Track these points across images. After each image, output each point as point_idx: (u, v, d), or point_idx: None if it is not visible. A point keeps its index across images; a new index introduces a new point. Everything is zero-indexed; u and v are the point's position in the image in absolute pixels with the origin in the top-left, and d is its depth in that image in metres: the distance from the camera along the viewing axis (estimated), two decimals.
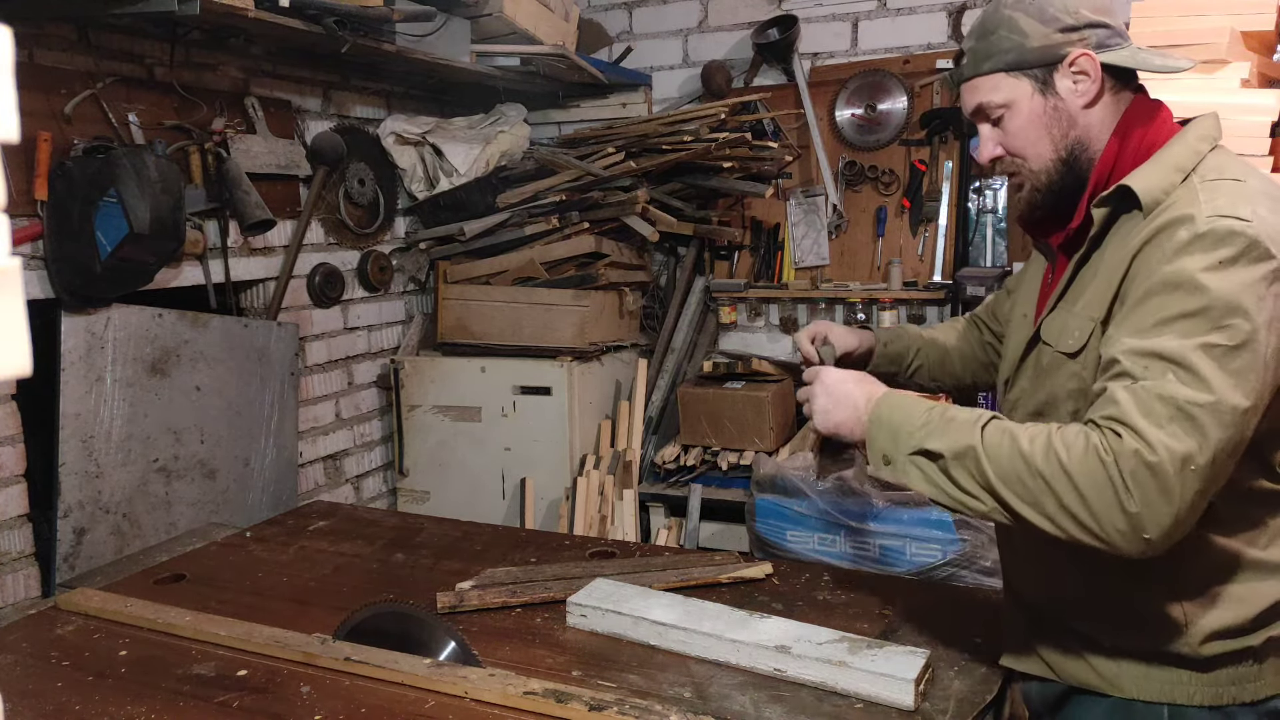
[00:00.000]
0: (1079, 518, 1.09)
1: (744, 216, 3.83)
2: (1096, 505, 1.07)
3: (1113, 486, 1.06)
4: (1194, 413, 1.05)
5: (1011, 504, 1.13)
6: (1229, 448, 1.07)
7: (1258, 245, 1.09)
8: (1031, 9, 1.27)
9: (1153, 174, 1.21)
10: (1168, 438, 1.05)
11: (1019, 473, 1.12)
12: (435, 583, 1.85)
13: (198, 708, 1.40)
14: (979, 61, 1.31)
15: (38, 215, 2.31)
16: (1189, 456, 1.04)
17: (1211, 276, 1.08)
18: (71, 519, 2.40)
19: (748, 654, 1.47)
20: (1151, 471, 1.04)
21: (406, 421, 3.51)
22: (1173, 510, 1.05)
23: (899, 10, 3.55)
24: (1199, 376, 1.06)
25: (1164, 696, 1.24)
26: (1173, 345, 1.08)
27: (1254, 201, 1.13)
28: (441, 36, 3.04)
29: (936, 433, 1.20)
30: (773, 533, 2.85)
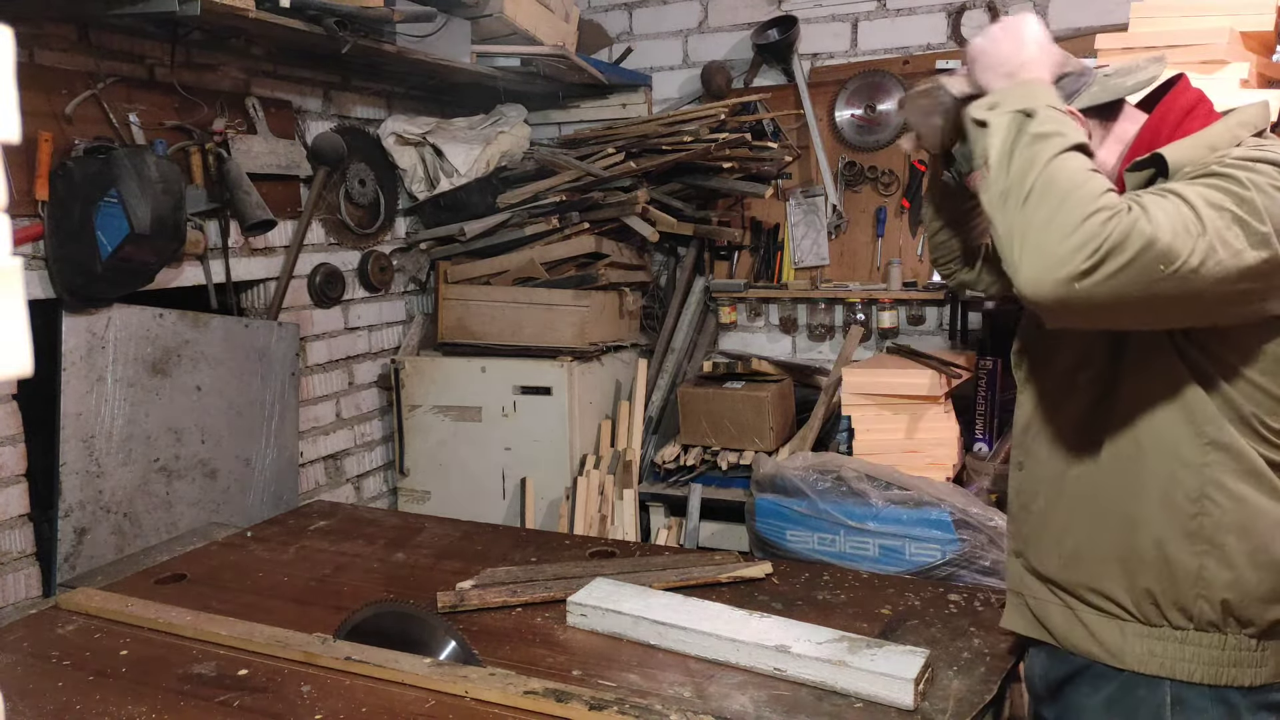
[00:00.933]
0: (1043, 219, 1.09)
1: (744, 217, 3.83)
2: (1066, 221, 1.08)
3: (1100, 212, 1.07)
4: (1192, 230, 1.09)
5: (1020, 177, 1.12)
6: (1188, 270, 1.09)
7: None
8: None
9: (1186, 147, 1.23)
10: (1169, 230, 1.07)
11: (1054, 172, 1.11)
12: (435, 583, 1.86)
13: (198, 707, 1.40)
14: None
15: (39, 215, 2.31)
16: (1173, 249, 1.07)
17: (1237, 169, 1.13)
18: (72, 519, 2.40)
19: (748, 654, 1.48)
20: (1137, 237, 1.06)
21: (407, 421, 3.51)
22: (1113, 272, 1.07)
23: (899, 11, 3.55)
24: (1200, 215, 1.09)
25: (1164, 671, 1.26)
26: (1189, 192, 1.12)
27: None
28: (442, 37, 3.04)
29: (1054, 119, 1.16)
30: (773, 532, 2.85)
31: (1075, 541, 1.34)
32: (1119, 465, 1.30)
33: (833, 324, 3.73)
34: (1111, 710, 1.31)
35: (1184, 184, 1.14)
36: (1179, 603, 1.26)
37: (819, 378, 3.58)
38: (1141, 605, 1.28)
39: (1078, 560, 1.34)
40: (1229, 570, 1.23)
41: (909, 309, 3.59)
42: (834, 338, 3.74)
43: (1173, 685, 1.26)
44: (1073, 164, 1.12)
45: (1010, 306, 2.82)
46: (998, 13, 3.40)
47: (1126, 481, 1.29)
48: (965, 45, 1.41)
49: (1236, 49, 2.29)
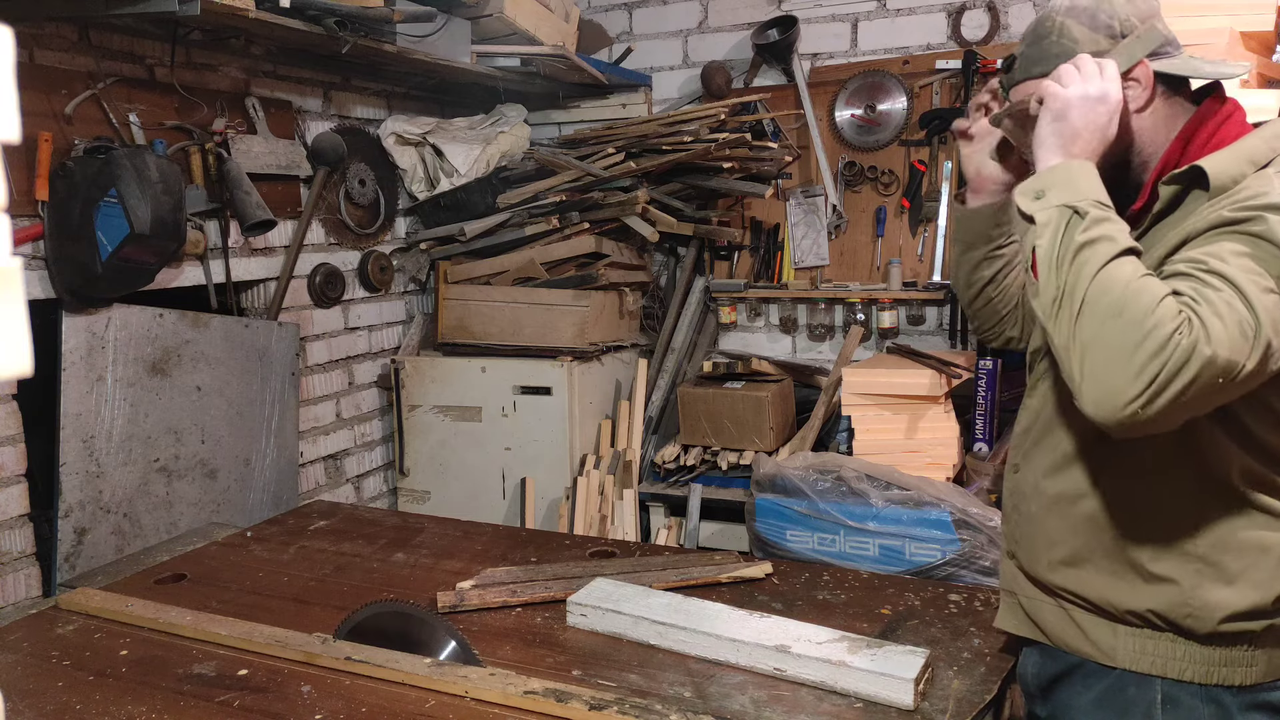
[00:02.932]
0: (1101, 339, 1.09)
1: (744, 217, 3.83)
2: (1124, 344, 1.07)
3: (1160, 350, 1.06)
4: (1249, 333, 1.08)
5: (1071, 289, 1.12)
6: (1248, 374, 1.09)
7: None
8: (1083, 16, 1.29)
9: (1226, 160, 1.22)
10: (1227, 345, 1.06)
11: (1107, 283, 1.11)
12: (435, 583, 1.86)
13: (198, 707, 1.40)
14: (1030, 65, 1.33)
15: (39, 215, 2.31)
16: (1229, 368, 1.07)
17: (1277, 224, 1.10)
18: (72, 519, 2.40)
19: (748, 654, 1.48)
20: (1200, 362, 1.05)
21: (407, 421, 3.51)
22: (1174, 397, 1.07)
23: (899, 11, 3.55)
24: (1254, 308, 1.08)
25: (1157, 670, 1.26)
26: (1236, 275, 1.10)
27: None
28: (442, 37, 3.04)
29: (1102, 222, 1.15)
30: (772, 532, 2.85)
31: (1069, 550, 1.33)
32: (1117, 483, 1.29)
33: (833, 324, 3.73)
34: (1103, 708, 1.31)
35: (1230, 253, 1.12)
36: (1171, 617, 1.26)
37: (819, 378, 3.59)
38: (1133, 614, 1.28)
39: (1069, 568, 1.34)
40: (1225, 590, 1.23)
41: (909, 309, 3.59)
42: (834, 338, 3.74)
43: (1164, 684, 1.27)
44: (1122, 273, 1.11)
45: None
46: (997, 13, 3.40)
47: (1124, 499, 1.29)
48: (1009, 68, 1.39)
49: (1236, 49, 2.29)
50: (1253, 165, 1.21)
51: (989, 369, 3.02)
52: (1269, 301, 1.09)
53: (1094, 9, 1.29)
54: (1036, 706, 1.44)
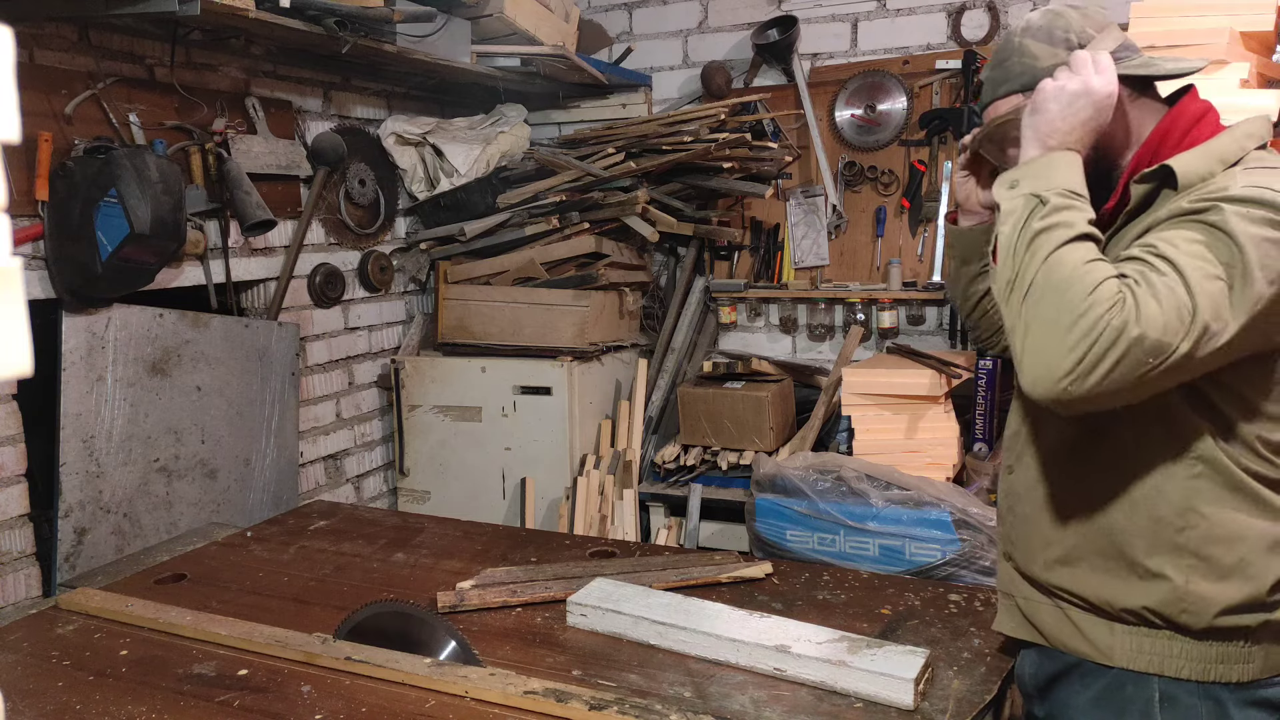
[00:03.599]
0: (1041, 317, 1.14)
1: (744, 217, 3.83)
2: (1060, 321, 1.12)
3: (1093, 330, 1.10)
4: (1185, 318, 1.11)
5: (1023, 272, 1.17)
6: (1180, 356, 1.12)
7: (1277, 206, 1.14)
8: (1040, 34, 1.34)
9: (1195, 159, 1.25)
10: (1161, 327, 1.10)
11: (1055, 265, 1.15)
12: (435, 583, 1.86)
13: (198, 707, 1.40)
14: (995, 86, 1.39)
15: (39, 215, 2.31)
16: (1162, 344, 1.10)
17: (1233, 220, 1.14)
18: (72, 519, 2.40)
19: (748, 654, 1.48)
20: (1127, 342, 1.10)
21: (407, 421, 3.51)
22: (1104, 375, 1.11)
23: (899, 11, 3.55)
24: (1194, 293, 1.11)
25: (1153, 668, 1.27)
26: (1185, 262, 1.13)
27: None
28: (442, 37, 3.04)
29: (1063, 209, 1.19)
30: (772, 532, 2.85)
31: (1063, 549, 1.34)
32: (1106, 478, 1.30)
33: (833, 324, 3.73)
34: (1100, 706, 1.32)
35: (1183, 240, 1.15)
36: (1166, 614, 1.26)
37: (819, 378, 3.58)
38: (1128, 612, 1.29)
39: (1064, 568, 1.34)
40: (1218, 584, 1.24)
41: (909, 309, 3.59)
42: (834, 338, 3.74)
43: (1161, 682, 1.27)
44: (1072, 257, 1.16)
45: None
46: (997, 13, 3.40)
47: (1113, 495, 1.30)
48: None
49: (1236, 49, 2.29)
50: (1222, 164, 1.24)
51: (989, 369, 3.02)
52: (1213, 288, 1.12)
53: (1049, 26, 1.34)
54: (1034, 706, 1.44)
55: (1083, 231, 1.18)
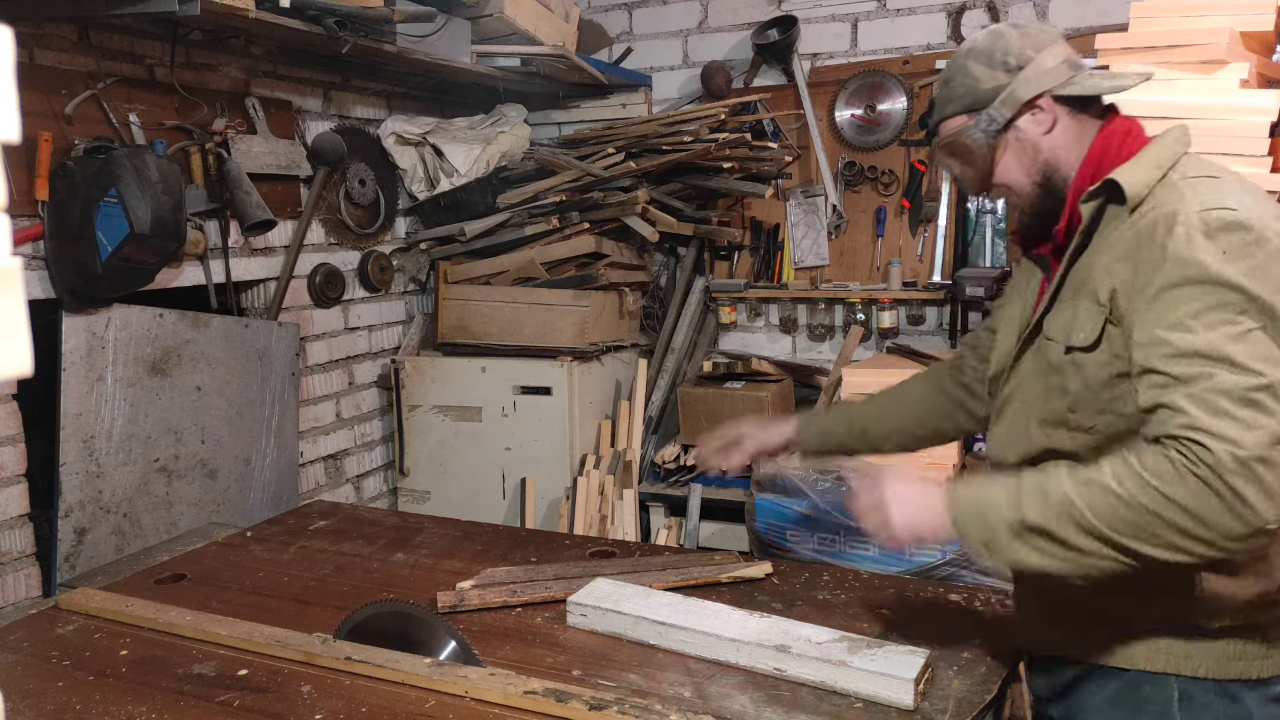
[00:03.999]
0: (1199, 535, 1.10)
1: (744, 216, 3.83)
2: (1212, 519, 1.08)
3: (1219, 497, 1.08)
4: (1257, 398, 1.09)
5: (1130, 545, 1.13)
6: None
7: (1247, 228, 1.16)
8: (981, 56, 1.39)
9: (1135, 169, 1.29)
10: (1247, 429, 1.08)
11: (1122, 513, 1.13)
12: (435, 583, 1.86)
13: (198, 707, 1.40)
14: (942, 107, 1.44)
15: (39, 215, 2.31)
16: (1267, 443, 1.07)
17: (1222, 267, 1.14)
18: (72, 519, 2.40)
19: (748, 654, 1.48)
20: (1250, 467, 1.07)
21: (407, 421, 3.51)
22: (1277, 489, 1.07)
23: (899, 11, 3.55)
24: (1244, 365, 1.10)
25: (1171, 668, 1.27)
26: (1208, 341, 1.12)
27: (1234, 193, 1.22)
28: (442, 37, 3.04)
29: (1028, 502, 1.19)
30: (773, 532, 2.85)
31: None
32: None
33: (833, 324, 3.73)
34: (1118, 705, 1.32)
35: (1189, 316, 1.14)
36: (1182, 616, 1.26)
37: (819, 378, 3.58)
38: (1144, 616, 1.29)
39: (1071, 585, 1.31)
40: (1229, 580, 1.24)
41: (909, 309, 3.59)
42: (834, 338, 3.74)
43: (1179, 681, 1.27)
44: (1103, 499, 1.13)
45: None
46: (997, 13, 3.40)
47: None
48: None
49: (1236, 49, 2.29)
50: (1159, 169, 1.28)
51: None
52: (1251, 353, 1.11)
53: (989, 48, 1.38)
54: (1051, 709, 1.45)
55: (1068, 486, 1.17)
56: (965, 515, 1.25)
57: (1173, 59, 2.30)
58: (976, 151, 1.40)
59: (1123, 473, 1.14)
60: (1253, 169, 2.15)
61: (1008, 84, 1.36)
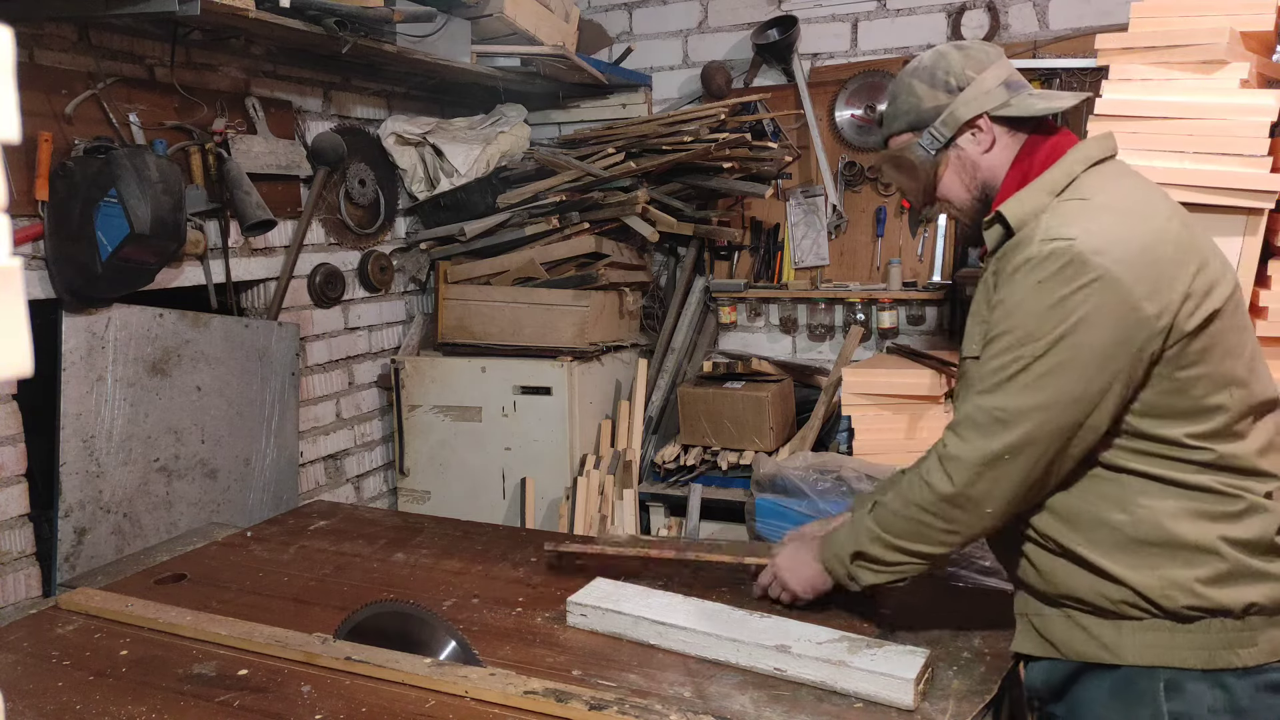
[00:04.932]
0: (943, 528, 1.39)
1: (744, 216, 3.83)
2: (941, 512, 1.38)
3: (939, 494, 1.36)
4: (1000, 416, 1.31)
5: (918, 548, 1.43)
6: (1037, 433, 1.29)
7: (1074, 260, 1.26)
8: (924, 75, 1.47)
9: (1025, 199, 1.39)
10: (984, 441, 1.32)
11: (901, 526, 1.43)
12: (435, 582, 1.86)
13: (198, 707, 1.40)
14: (889, 123, 1.53)
15: (39, 215, 2.31)
16: (995, 453, 1.31)
17: (1026, 300, 1.29)
18: (72, 519, 2.40)
19: (748, 653, 1.48)
20: (970, 468, 1.33)
21: (407, 421, 3.51)
22: (1000, 490, 1.33)
23: (899, 11, 3.55)
24: (1002, 387, 1.31)
25: (1160, 660, 1.30)
26: (991, 358, 1.33)
27: (1089, 218, 1.30)
28: (442, 37, 3.04)
29: (853, 537, 1.49)
30: (773, 532, 2.85)
31: (1047, 565, 1.40)
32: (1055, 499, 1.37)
33: (833, 324, 3.73)
34: (1115, 698, 1.34)
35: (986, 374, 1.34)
36: (1158, 603, 1.30)
37: (819, 378, 3.58)
38: (1121, 610, 1.33)
39: (1052, 579, 1.39)
40: (1185, 569, 1.28)
41: (909, 309, 3.59)
42: (834, 338, 3.74)
43: (1168, 672, 1.30)
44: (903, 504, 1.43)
45: None
46: (997, 13, 3.40)
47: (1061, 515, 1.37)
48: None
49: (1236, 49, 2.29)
50: (1051, 194, 1.37)
51: None
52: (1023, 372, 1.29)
53: (932, 68, 1.47)
54: (1052, 708, 1.46)
55: (869, 511, 1.49)
56: (829, 560, 1.55)
57: (1173, 59, 2.30)
58: (919, 167, 1.49)
59: (895, 490, 1.45)
60: (1252, 169, 2.15)
61: (948, 104, 1.44)
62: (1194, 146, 2.19)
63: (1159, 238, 1.29)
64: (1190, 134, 2.19)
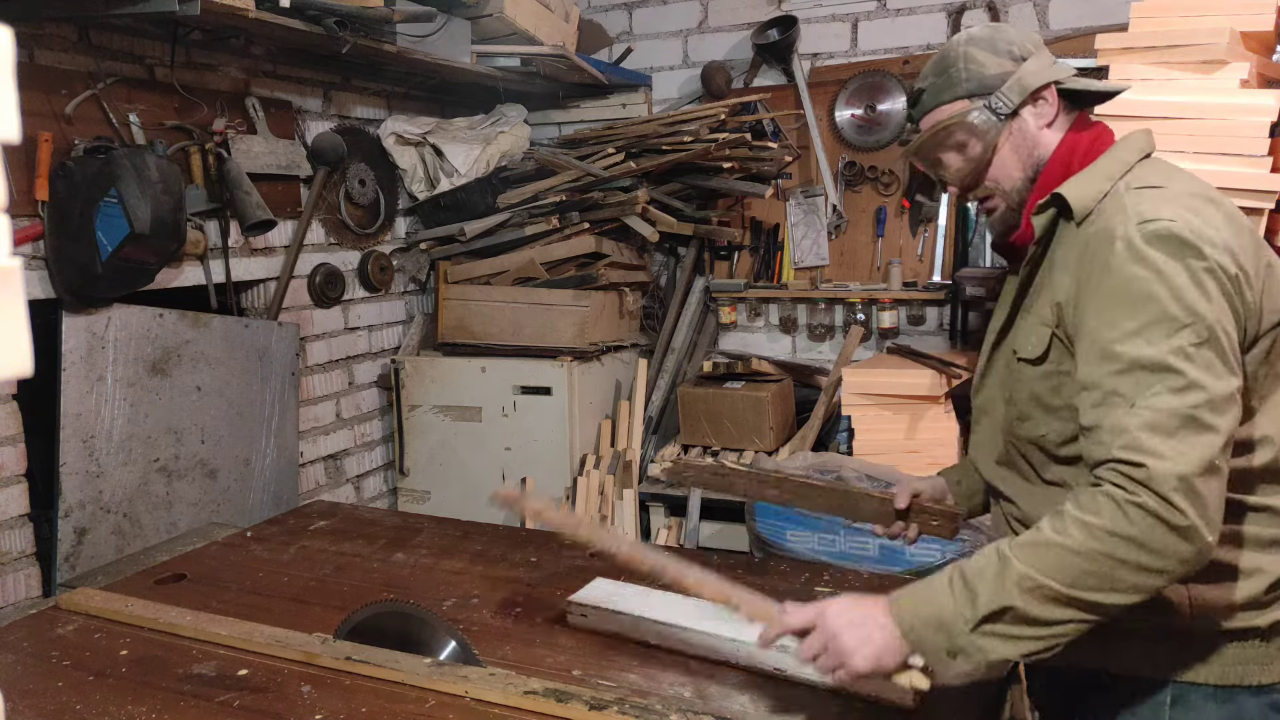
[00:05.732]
0: (1154, 567, 1.07)
1: (744, 217, 3.83)
2: (1159, 544, 1.06)
3: (1163, 521, 1.06)
4: (1198, 414, 1.08)
5: (1097, 600, 1.09)
6: (1232, 427, 1.11)
7: (1184, 242, 1.15)
8: (984, 44, 1.37)
9: (1084, 182, 1.29)
10: (1187, 448, 1.07)
11: (1081, 566, 1.08)
12: (435, 582, 1.86)
13: (198, 707, 1.40)
14: (940, 92, 1.39)
15: (39, 215, 2.31)
16: (1208, 459, 1.08)
17: (1159, 282, 1.14)
18: (72, 519, 2.40)
19: (748, 653, 1.48)
20: (1190, 483, 1.07)
21: (407, 421, 3.51)
22: (1217, 506, 1.09)
23: (899, 11, 3.55)
24: (1187, 378, 1.10)
25: (1171, 673, 1.26)
26: (1150, 354, 1.12)
27: (1174, 204, 1.20)
28: (442, 37, 3.04)
29: (981, 593, 1.12)
30: (773, 532, 2.85)
31: None
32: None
33: (833, 324, 3.73)
34: (1119, 707, 1.31)
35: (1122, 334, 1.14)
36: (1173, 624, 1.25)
37: (819, 378, 3.58)
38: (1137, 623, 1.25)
39: None
40: (1215, 588, 1.23)
41: (909, 309, 3.59)
42: (834, 338, 3.74)
43: (1178, 686, 1.26)
44: (1067, 553, 1.09)
45: None
46: (997, 13, 3.40)
47: None
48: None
49: (1236, 49, 2.29)
50: (1109, 179, 1.28)
51: None
52: (1193, 357, 1.11)
53: (992, 38, 1.38)
54: (1054, 715, 1.44)
55: (1014, 561, 1.11)
56: (918, 628, 1.16)
57: (1173, 59, 2.31)
58: (980, 139, 1.36)
59: (1064, 525, 1.10)
60: (1253, 169, 2.15)
61: (1014, 71, 1.35)
62: (1194, 146, 2.19)
63: (1238, 231, 1.21)
64: (1190, 134, 2.19)
